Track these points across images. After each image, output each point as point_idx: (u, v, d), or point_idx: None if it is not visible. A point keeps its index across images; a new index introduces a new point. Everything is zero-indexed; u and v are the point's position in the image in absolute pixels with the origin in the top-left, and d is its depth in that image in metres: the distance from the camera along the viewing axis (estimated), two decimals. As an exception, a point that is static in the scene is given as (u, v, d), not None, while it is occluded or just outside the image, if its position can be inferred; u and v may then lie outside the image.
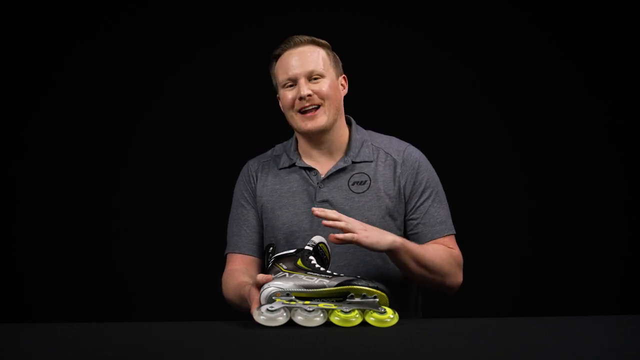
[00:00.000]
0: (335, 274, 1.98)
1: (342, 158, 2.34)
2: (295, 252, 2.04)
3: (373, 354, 1.64)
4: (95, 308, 3.48)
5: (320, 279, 1.96)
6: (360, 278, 1.96)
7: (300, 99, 2.28)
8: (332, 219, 2.06)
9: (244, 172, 2.44)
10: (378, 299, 1.95)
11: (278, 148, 2.45)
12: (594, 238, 3.46)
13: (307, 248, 2.04)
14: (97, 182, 3.54)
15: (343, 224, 2.06)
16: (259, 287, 2.00)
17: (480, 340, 1.79)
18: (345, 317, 1.95)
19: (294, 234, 2.30)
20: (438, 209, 2.32)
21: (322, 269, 2.00)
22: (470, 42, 3.54)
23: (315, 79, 2.29)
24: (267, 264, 2.09)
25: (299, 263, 2.01)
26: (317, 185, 2.32)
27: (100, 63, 3.56)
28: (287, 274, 2.00)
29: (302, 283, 1.97)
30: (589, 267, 3.45)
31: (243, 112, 3.57)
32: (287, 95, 2.31)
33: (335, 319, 1.95)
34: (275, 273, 2.02)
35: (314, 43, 2.33)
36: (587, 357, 1.60)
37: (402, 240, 2.14)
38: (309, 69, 2.29)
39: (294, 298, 1.96)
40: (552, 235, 3.48)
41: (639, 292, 3.41)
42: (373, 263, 2.27)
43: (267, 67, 2.38)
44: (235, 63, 3.57)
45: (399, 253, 2.13)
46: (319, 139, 2.33)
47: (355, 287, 1.94)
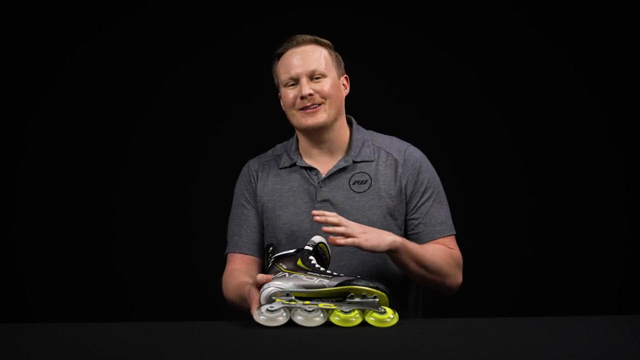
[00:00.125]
0: (335, 274, 1.98)
1: (343, 157, 2.34)
2: (295, 252, 2.04)
3: (373, 354, 1.64)
4: (95, 308, 3.48)
5: (320, 279, 1.96)
6: (360, 278, 1.96)
7: (302, 98, 2.27)
8: (332, 224, 2.07)
9: (245, 171, 2.44)
10: (378, 299, 1.95)
11: (279, 148, 2.45)
12: (594, 238, 3.46)
13: (307, 248, 2.04)
14: (97, 182, 3.54)
15: (343, 229, 2.06)
16: (259, 287, 2.00)
17: (480, 340, 1.79)
18: (345, 317, 1.95)
19: (295, 234, 2.30)
20: (439, 209, 2.32)
21: (322, 269, 2.00)
22: (470, 42, 3.54)
23: (317, 79, 2.29)
24: (267, 264, 2.09)
25: (299, 263, 2.01)
26: (317, 185, 2.32)
27: (100, 63, 3.56)
28: (287, 274, 2.00)
29: (302, 283, 1.97)
30: (589, 267, 3.45)
31: (243, 112, 3.57)
32: (288, 94, 2.30)
33: (335, 319, 1.95)
34: (275, 273, 2.02)
35: (317, 42, 2.32)
36: (587, 357, 1.60)
37: (402, 240, 2.14)
38: (311, 69, 2.29)
39: (294, 298, 1.96)
40: (552, 235, 3.48)
41: (639, 292, 3.41)
42: (373, 263, 2.27)
43: (267, 67, 2.38)
44: (235, 63, 3.57)
45: (399, 253, 2.14)
46: (320, 138, 2.33)
47: (355, 287, 1.94)
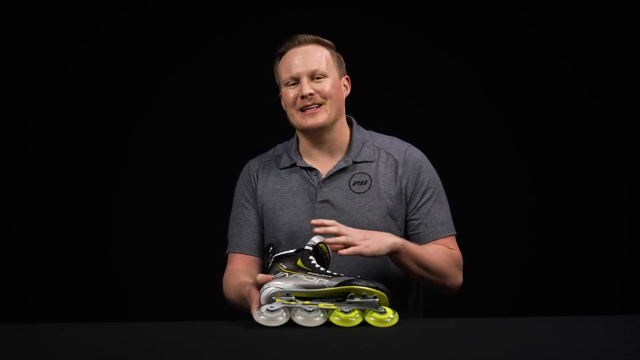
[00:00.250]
0: (335, 274, 1.98)
1: (343, 158, 2.34)
2: (295, 252, 2.04)
3: (373, 354, 1.64)
4: (95, 308, 3.48)
5: (320, 279, 1.96)
6: (360, 278, 1.96)
7: (302, 98, 2.27)
8: (332, 234, 2.07)
9: (245, 171, 2.44)
10: (378, 299, 1.95)
11: (279, 148, 2.45)
12: (594, 238, 3.46)
13: (307, 248, 2.04)
14: (97, 182, 3.54)
15: (343, 239, 2.06)
16: (259, 287, 2.01)
17: (480, 340, 1.79)
18: (345, 317, 1.95)
19: (295, 234, 2.30)
20: (439, 210, 2.32)
21: (322, 269, 2.00)
22: (470, 42, 3.54)
23: (318, 79, 2.29)
24: (267, 264, 2.09)
25: (299, 263, 2.01)
26: (317, 185, 2.32)
27: (100, 63, 3.56)
28: (287, 274, 2.00)
29: (302, 283, 1.97)
30: (589, 267, 3.45)
31: (243, 112, 3.56)
32: (289, 94, 2.30)
33: (335, 319, 1.95)
34: (275, 273, 2.02)
35: (318, 42, 2.32)
36: (587, 357, 1.60)
37: (402, 242, 2.14)
38: (312, 68, 2.28)
39: (294, 298, 1.96)
40: (552, 235, 3.48)
41: (639, 292, 3.41)
42: (373, 263, 2.27)
43: (267, 67, 2.38)
44: (235, 63, 3.57)
45: (400, 255, 2.14)
46: (320, 138, 2.33)
47: (355, 287, 1.94)
